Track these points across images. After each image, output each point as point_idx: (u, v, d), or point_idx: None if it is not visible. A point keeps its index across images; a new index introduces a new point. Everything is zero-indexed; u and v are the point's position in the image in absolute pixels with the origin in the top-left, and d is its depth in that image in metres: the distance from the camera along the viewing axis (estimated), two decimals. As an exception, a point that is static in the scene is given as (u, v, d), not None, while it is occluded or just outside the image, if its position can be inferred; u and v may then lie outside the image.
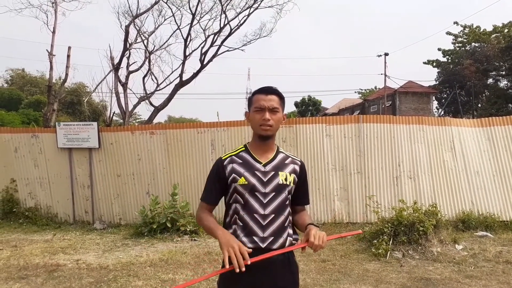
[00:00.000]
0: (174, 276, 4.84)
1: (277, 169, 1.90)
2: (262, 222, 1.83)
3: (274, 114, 1.87)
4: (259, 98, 1.89)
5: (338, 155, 7.85)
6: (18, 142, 8.68)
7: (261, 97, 1.88)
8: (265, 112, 1.85)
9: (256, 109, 1.88)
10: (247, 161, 1.89)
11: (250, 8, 14.70)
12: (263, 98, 1.88)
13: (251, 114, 1.91)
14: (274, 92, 1.90)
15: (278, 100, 1.90)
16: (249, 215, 1.84)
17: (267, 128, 1.86)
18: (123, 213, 8.29)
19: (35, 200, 8.64)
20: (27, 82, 41.89)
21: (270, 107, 1.86)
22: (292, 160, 1.98)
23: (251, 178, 1.85)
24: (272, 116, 1.86)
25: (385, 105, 35.12)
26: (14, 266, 5.36)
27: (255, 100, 1.90)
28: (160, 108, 14.81)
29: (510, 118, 7.86)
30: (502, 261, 5.30)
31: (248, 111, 1.98)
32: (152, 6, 14.33)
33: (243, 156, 1.91)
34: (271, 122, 1.85)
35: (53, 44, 12.48)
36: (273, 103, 1.87)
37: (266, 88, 1.91)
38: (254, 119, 1.89)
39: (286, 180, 1.90)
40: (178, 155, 8.11)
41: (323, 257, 5.56)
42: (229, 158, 1.92)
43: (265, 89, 1.91)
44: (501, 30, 33.56)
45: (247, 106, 1.99)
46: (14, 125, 22.61)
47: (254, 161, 1.89)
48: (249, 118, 1.95)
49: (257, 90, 1.94)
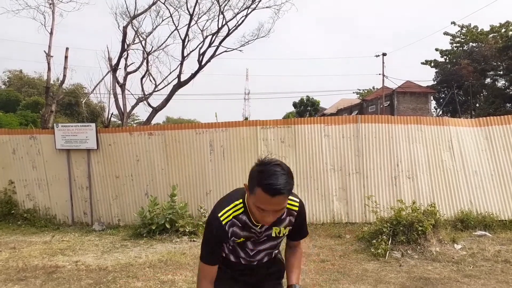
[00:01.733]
0: (173, 277, 4.83)
1: (272, 225, 1.83)
2: (250, 253, 1.91)
3: (278, 212, 1.67)
4: (263, 199, 1.58)
5: (337, 155, 7.86)
6: (16, 144, 8.65)
7: (266, 199, 1.58)
8: (269, 214, 1.64)
9: (257, 207, 1.63)
10: (246, 224, 1.79)
11: (248, 8, 14.72)
12: (268, 201, 1.58)
13: (251, 203, 1.67)
14: (283, 191, 1.57)
15: (286, 198, 1.63)
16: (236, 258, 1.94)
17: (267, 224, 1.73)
18: (122, 214, 8.28)
19: (34, 202, 8.61)
20: (25, 84, 41.77)
21: (275, 210, 1.63)
22: (288, 211, 1.83)
23: (246, 239, 1.85)
24: (276, 214, 1.67)
25: (383, 105, 35.17)
26: (13, 268, 5.34)
27: (258, 196, 1.60)
28: (158, 109, 14.80)
29: (508, 118, 7.88)
30: (501, 260, 5.31)
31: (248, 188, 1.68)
32: (149, 6, 14.34)
33: (242, 220, 1.78)
34: (274, 219, 1.70)
35: (50, 45, 12.49)
36: (279, 206, 1.62)
37: (274, 190, 1.56)
38: (254, 211, 1.68)
39: (279, 233, 1.88)
40: (176, 156, 8.10)
41: (322, 257, 5.57)
42: (230, 222, 1.77)
43: (272, 190, 1.56)
44: (498, 30, 33.70)
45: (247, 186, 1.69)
46: (12, 126, 22.56)
47: (252, 225, 1.79)
48: (249, 197, 1.69)
49: (263, 184, 1.57)
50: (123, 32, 13.59)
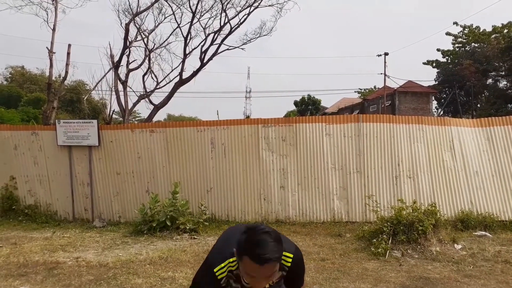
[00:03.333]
0: (174, 274, 4.85)
1: None
2: None
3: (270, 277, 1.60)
4: (252, 267, 1.53)
5: (338, 154, 7.86)
6: (18, 140, 8.67)
7: (255, 268, 1.52)
8: (260, 280, 1.58)
9: (247, 274, 1.58)
10: (238, 278, 1.76)
11: (250, 6, 14.73)
12: (257, 269, 1.52)
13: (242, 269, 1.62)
14: (272, 259, 1.52)
15: (276, 265, 1.56)
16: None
17: None
18: (123, 211, 8.29)
19: (35, 198, 8.63)
20: (26, 80, 41.85)
21: (265, 276, 1.57)
22: (281, 267, 1.72)
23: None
24: (268, 279, 1.60)
25: (385, 105, 35.13)
26: (14, 264, 5.36)
27: (246, 265, 1.55)
28: (160, 106, 14.81)
29: (509, 119, 7.88)
30: (501, 260, 5.32)
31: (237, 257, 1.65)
32: (152, 4, 14.34)
33: (237, 274, 1.76)
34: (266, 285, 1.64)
35: (53, 41, 12.47)
36: (269, 273, 1.55)
37: (262, 259, 1.50)
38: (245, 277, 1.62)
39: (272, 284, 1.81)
40: (177, 154, 8.11)
41: (322, 256, 5.58)
42: (225, 277, 1.76)
43: (260, 260, 1.50)
44: (500, 31, 33.62)
45: None
46: (13, 122, 22.61)
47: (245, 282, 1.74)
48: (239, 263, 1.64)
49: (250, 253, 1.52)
50: (126, 29, 13.60)
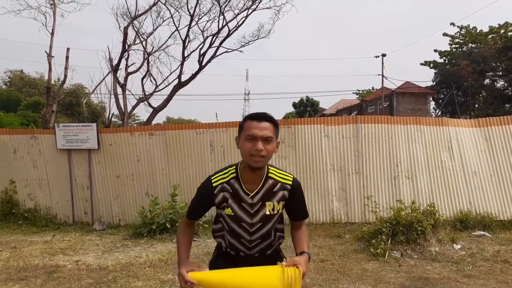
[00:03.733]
0: (174, 277, 4.85)
1: (264, 199, 1.84)
2: (248, 245, 1.90)
3: (267, 144, 1.72)
4: (251, 125, 1.72)
5: (336, 156, 7.88)
6: (17, 144, 8.67)
7: (254, 125, 1.72)
8: (258, 142, 1.69)
9: (248, 137, 1.72)
10: (236, 191, 1.83)
11: (248, 9, 14.78)
12: (256, 126, 1.71)
13: (242, 141, 1.76)
14: (269, 119, 1.75)
15: (272, 128, 1.74)
16: (236, 239, 1.90)
17: (259, 159, 1.71)
18: (123, 214, 8.30)
19: (35, 201, 8.63)
20: (25, 84, 41.80)
21: (263, 136, 1.70)
22: (281, 186, 1.85)
23: (238, 211, 1.84)
24: (266, 146, 1.71)
25: (383, 106, 35.20)
26: (14, 267, 5.36)
27: (247, 127, 1.74)
28: (158, 109, 14.83)
29: (507, 119, 7.91)
30: (500, 260, 5.34)
31: (238, 136, 1.81)
32: (150, 7, 14.39)
33: (233, 185, 1.83)
34: (264, 152, 1.70)
35: (51, 45, 12.51)
36: (267, 132, 1.71)
37: (260, 115, 1.75)
38: (244, 148, 1.73)
39: (273, 210, 1.86)
40: (177, 156, 8.13)
41: (322, 257, 5.59)
42: (220, 185, 1.83)
43: (259, 116, 1.75)
44: (497, 31, 33.73)
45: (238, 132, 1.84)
46: (13, 126, 22.57)
47: (243, 192, 1.82)
48: (238, 144, 1.79)
49: (249, 116, 1.78)
50: (124, 33, 13.63)
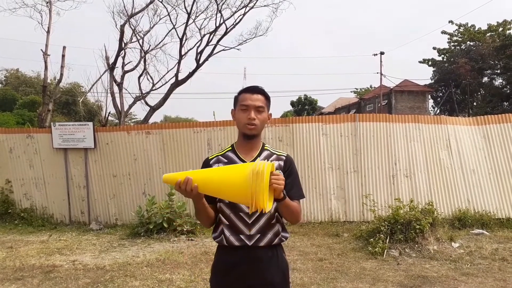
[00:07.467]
0: (171, 276, 4.82)
1: None
2: (248, 220, 1.87)
3: (259, 113, 1.89)
4: (245, 97, 1.90)
5: (335, 154, 7.86)
6: (13, 143, 8.62)
7: (247, 96, 1.90)
8: (251, 111, 1.87)
9: (241, 108, 1.89)
10: (232, 160, 1.92)
11: (245, 7, 14.66)
12: (249, 97, 1.89)
13: (237, 112, 1.93)
14: (260, 91, 1.92)
15: (263, 99, 1.92)
16: (235, 214, 1.88)
17: (252, 127, 1.88)
18: (119, 213, 8.26)
19: (31, 201, 8.58)
20: (21, 82, 41.58)
21: (255, 105, 1.88)
22: (277, 157, 1.97)
23: None
24: (257, 115, 1.88)
25: (381, 104, 35.21)
26: (10, 267, 5.33)
27: (241, 99, 1.92)
28: (155, 107, 14.75)
29: (505, 116, 7.90)
30: (498, 258, 5.33)
31: (234, 109, 2.00)
32: (147, 5, 14.27)
33: (229, 156, 1.95)
34: (256, 121, 1.87)
35: (47, 44, 12.40)
36: (259, 102, 1.89)
37: (252, 88, 1.93)
38: (239, 118, 1.91)
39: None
40: (174, 155, 8.09)
41: (320, 256, 5.57)
42: (216, 158, 1.96)
43: (251, 89, 1.93)
44: (495, 29, 33.71)
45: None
46: (8, 125, 22.45)
47: (239, 160, 1.91)
48: (234, 116, 1.97)
49: (243, 89, 1.95)
50: (121, 31, 13.53)
